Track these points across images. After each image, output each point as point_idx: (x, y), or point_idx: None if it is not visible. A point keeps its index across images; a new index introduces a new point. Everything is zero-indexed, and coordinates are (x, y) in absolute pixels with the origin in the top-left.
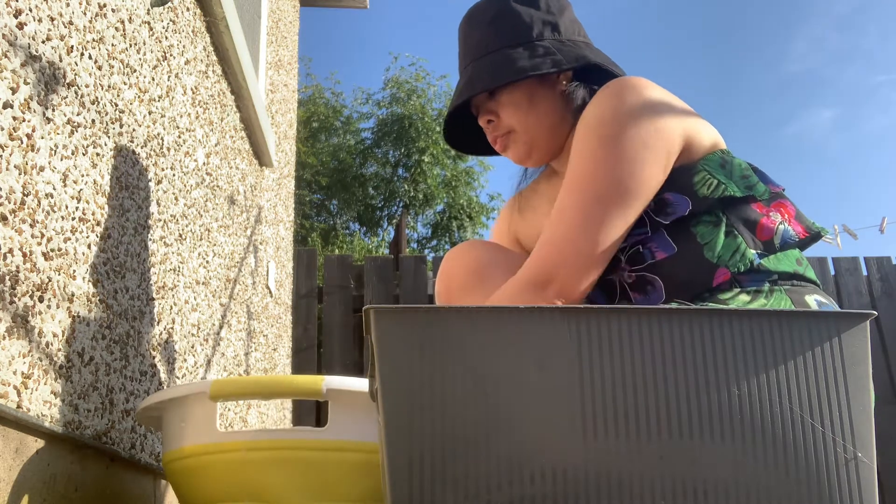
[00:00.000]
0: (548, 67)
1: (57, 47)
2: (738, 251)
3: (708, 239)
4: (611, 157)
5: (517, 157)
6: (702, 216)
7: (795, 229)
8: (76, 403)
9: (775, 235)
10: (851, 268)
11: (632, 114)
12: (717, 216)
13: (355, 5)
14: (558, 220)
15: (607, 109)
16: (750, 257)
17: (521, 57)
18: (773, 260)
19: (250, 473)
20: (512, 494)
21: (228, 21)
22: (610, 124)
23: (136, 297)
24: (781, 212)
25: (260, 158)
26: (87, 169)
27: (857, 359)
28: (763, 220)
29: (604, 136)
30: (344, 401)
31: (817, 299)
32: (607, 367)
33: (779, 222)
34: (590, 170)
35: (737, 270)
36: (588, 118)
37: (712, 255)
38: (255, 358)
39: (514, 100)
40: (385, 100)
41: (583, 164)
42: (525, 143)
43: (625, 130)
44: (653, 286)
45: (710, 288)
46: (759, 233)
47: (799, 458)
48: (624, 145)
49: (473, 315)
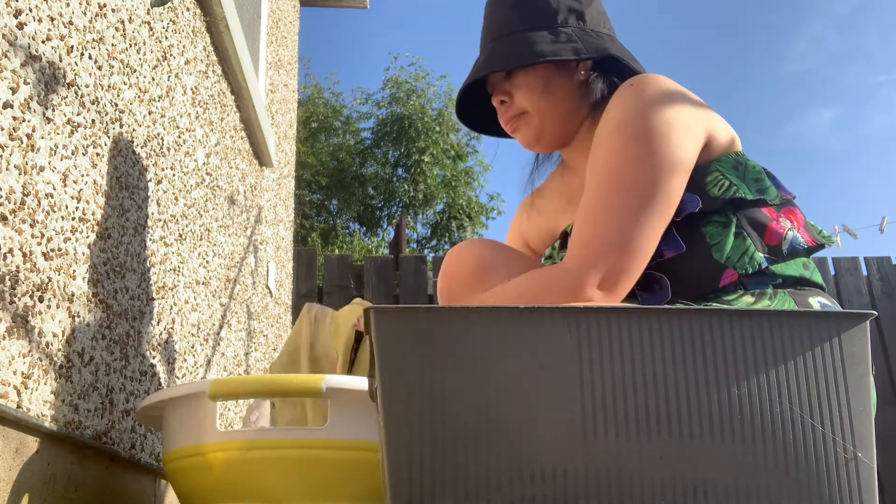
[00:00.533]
0: (567, 54)
1: (57, 47)
2: (746, 253)
3: (717, 240)
4: (644, 155)
5: (526, 141)
6: (712, 216)
7: (804, 237)
8: (76, 403)
9: (784, 241)
10: (851, 268)
11: (659, 111)
12: (728, 217)
13: (355, 5)
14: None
15: (631, 107)
16: (758, 260)
17: (543, 41)
18: (779, 266)
19: (250, 473)
20: (512, 494)
21: (228, 21)
22: (636, 122)
23: (136, 297)
24: (791, 218)
25: (260, 158)
26: (87, 169)
27: (857, 359)
28: (773, 224)
29: (632, 135)
30: (343, 400)
31: (821, 301)
32: (607, 367)
33: (788, 228)
34: (624, 168)
35: (744, 272)
36: (613, 116)
37: (721, 256)
38: (255, 358)
39: (529, 82)
40: (385, 100)
41: (615, 162)
42: (535, 127)
43: (653, 128)
44: (659, 284)
45: (716, 289)
46: (768, 237)
47: (799, 458)
48: (655, 143)
49: (473, 315)
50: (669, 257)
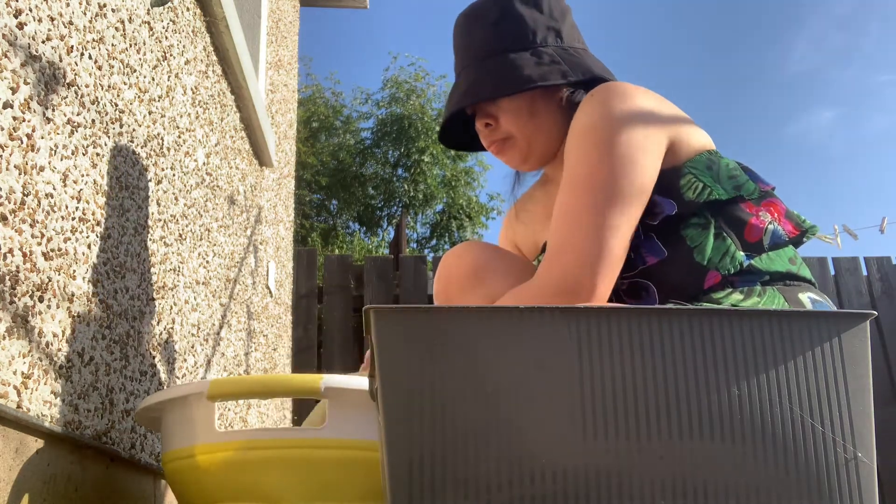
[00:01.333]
0: (555, 78)
1: (57, 47)
2: (727, 253)
3: (697, 242)
4: (607, 159)
5: (513, 163)
6: (690, 219)
7: (785, 228)
8: (76, 403)
9: (765, 235)
10: (851, 268)
11: (620, 117)
12: (706, 218)
13: (355, 5)
14: (570, 225)
15: (596, 115)
16: (739, 259)
17: (528, 64)
18: (765, 260)
19: (250, 473)
20: (512, 494)
21: (228, 21)
22: (600, 129)
23: (136, 297)
24: (771, 211)
25: (260, 158)
26: (87, 169)
27: (857, 359)
28: (752, 220)
29: (596, 141)
30: (343, 399)
31: (811, 297)
32: (607, 367)
33: (768, 222)
34: (588, 173)
35: (727, 273)
36: (578, 125)
37: (702, 258)
38: (255, 358)
39: (514, 107)
40: (384, 100)
41: (581, 168)
42: (522, 150)
43: (616, 134)
44: (647, 291)
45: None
46: (748, 234)
47: (799, 458)
48: (618, 148)
49: (474, 315)
50: (653, 263)
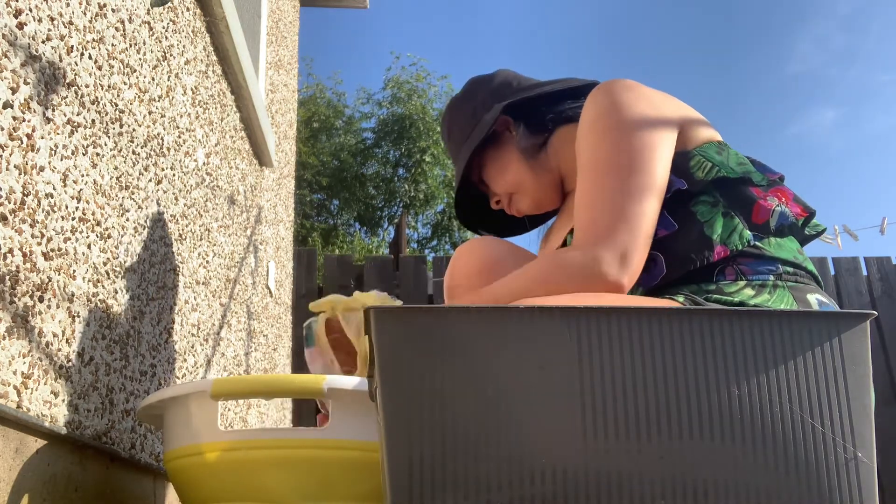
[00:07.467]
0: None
1: (57, 47)
2: (735, 230)
3: (707, 217)
4: (624, 139)
5: (530, 210)
6: (700, 196)
7: (793, 210)
8: (76, 403)
9: (772, 217)
10: (851, 268)
11: (630, 102)
12: (715, 197)
13: (355, 5)
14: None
15: (601, 105)
16: (747, 237)
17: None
18: (773, 245)
19: (251, 472)
20: (512, 494)
21: (228, 21)
22: (609, 115)
23: (136, 297)
24: (779, 196)
25: (260, 158)
26: (87, 169)
27: (857, 359)
28: (760, 202)
29: (609, 125)
30: (345, 400)
31: (819, 299)
32: (607, 367)
33: (776, 205)
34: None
35: (735, 249)
36: (587, 117)
37: (711, 233)
38: (255, 358)
39: (490, 174)
40: (386, 100)
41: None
42: (523, 200)
43: (628, 115)
44: (654, 262)
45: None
46: (755, 215)
47: (799, 458)
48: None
49: (473, 315)
50: (663, 236)
